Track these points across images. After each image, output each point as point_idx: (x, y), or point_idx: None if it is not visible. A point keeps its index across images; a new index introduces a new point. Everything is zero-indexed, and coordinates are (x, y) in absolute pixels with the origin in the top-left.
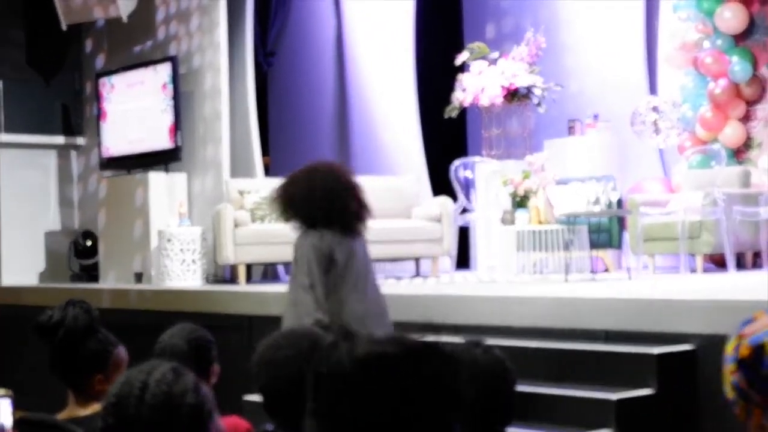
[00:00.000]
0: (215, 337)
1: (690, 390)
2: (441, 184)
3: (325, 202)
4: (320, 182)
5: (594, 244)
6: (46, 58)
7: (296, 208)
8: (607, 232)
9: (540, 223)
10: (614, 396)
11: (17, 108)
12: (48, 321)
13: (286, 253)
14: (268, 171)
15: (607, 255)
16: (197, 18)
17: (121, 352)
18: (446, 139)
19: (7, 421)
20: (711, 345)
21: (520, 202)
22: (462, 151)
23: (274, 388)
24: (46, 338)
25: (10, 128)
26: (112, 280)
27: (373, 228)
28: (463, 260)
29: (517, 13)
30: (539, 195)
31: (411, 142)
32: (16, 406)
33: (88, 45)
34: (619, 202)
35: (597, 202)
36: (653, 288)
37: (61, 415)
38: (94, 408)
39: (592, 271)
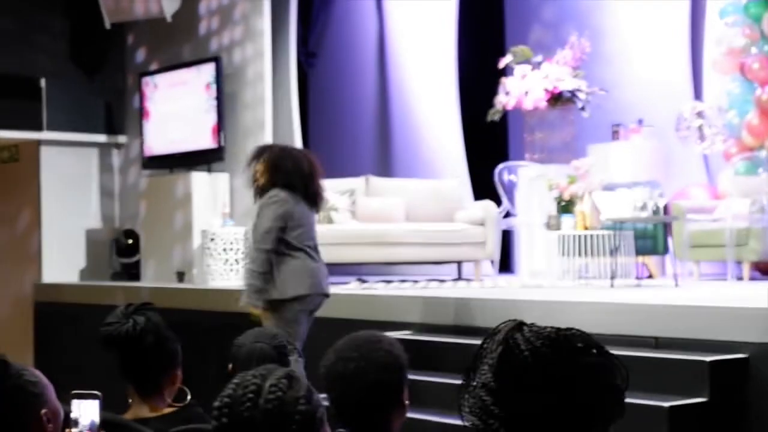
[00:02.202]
0: None
1: (743, 398)
2: (481, 188)
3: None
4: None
5: (639, 250)
6: (89, 57)
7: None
8: (652, 239)
9: (585, 228)
10: (666, 403)
11: (60, 106)
12: (115, 332)
13: (333, 254)
14: None
15: (651, 261)
16: (240, 18)
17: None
18: (487, 142)
19: (97, 419)
20: (764, 354)
21: (566, 206)
22: (503, 154)
23: (347, 400)
24: (114, 348)
25: (52, 126)
26: (153, 278)
27: (416, 231)
28: (504, 264)
29: (560, 17)
30: (585, 200)
31: (452, 145)
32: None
33: (132, 44)
34: (665, 209)
35: (644, 207)
36: (703, 295)
37: (126, 416)
38: (161, 410)
39: (637, 278)
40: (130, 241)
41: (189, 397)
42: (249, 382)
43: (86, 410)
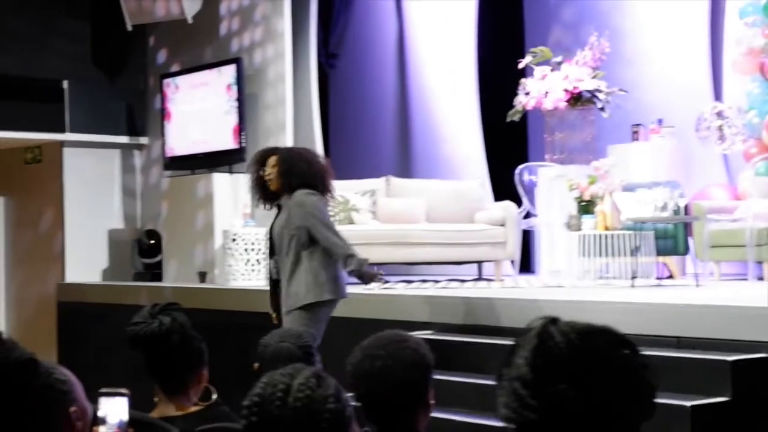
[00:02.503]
0: None
1: (765, 397)
2: (502, 188)
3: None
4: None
5: (660, 251)
6: (111, 59)
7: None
8: (673, 239)
9: (606, 228)
10: (689, 403)
11: (82, 107)
12: (141, 332)
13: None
14: None
15: (672, 261)
16: (261, 19)
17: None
18: (508, 143)
19: (125, 417)
20: None
21: (586, 207)
22: (523, 155)
23: (373, 398)
24: (140, 348)
25: (75, 127)
26: (174, 278)
27: (437, 231)
28: (525, 264)
29: (579, 18)
30: (605, 200)
31: (472, 145)
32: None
33: (153, 45)
34: (685, 209)
35: (665, 208)
36: (724, 295)
37: (152, 414)
38: (187, 408)
39: (658, 278)
40: (152, 242)
41: (214, 396)
42: (278, 381)
43: (114, 408)
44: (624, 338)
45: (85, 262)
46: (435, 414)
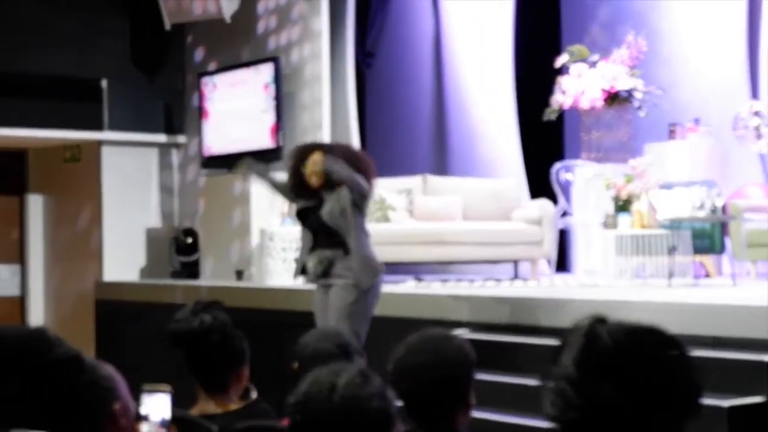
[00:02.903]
0: None
1: None
2: (539, 187)
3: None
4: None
5: (697, 250)
6: (149, 57)
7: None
8: (709, 238)
9: (642, 227)
10: (726, 403)
11: (121, 106)
12: (181, 329)
13: (390, 253)
14: None
15: (708, 260)
16: (298, 18)
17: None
18: (544, 141)
19: (167, 415)
20: None
21: (623, 206)
22: (560, 154)
23: (414, 394)
24: (181, 346)
25: (113, 126)
26: (212, 276)
27: (473, 230)
28: (561, 263)
29: (616, 16)
30: (642, 199)
31: (509, 144)
32: None
33: (191, 44)
34: (722, 208)
35: (701, 207)
36: (761, 294)
37: (192, 411)
38: (227, 406)
39: (695, 277)
40: (190, 240)
41: (254, 394)
42: (324, 379)
43: (156, 405)
44: (672, 338)
45: (123, 260)
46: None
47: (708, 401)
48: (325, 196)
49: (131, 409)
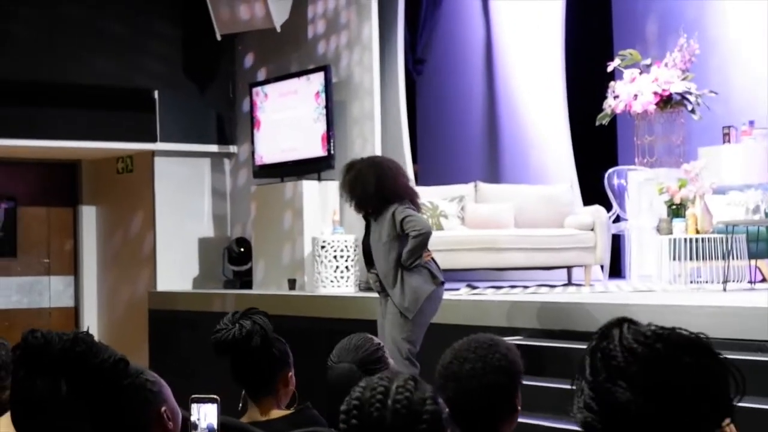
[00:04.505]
0: None
1: None
2: (591, 192)
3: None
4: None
5: (752, 254)
6: (200, 68)
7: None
8: (765, 241)
9: (697, 231)
10: None
11: (173, 117)
12: (223, 337)
13: (443, 260)
14: (417, 179)
15: (764, 264)
16: (348, 26)
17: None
18: (596, 146)
19: (215, 422)
20: None
21: (677, 210)
22: (612, 159)
23: (460, 400)
24: (225, 354)
25: (166, 137)
26: (264, 285)
27: (525, 236)
28: (614, 269)
29: (668, 19)
30: (696, 203)
31: (561, 149)
32: None
33: (242, 54)
34: None
35: (756, 210)
36: None
37: (243, 419)
38: (276, 413)
39: (750, 281)
40: (242, 249)
41: (307, 403)
42: (376, 384)
43: (205, 414)
44: (694, 340)
45: (176, 269)
46: (523, 419)
47: (763, 406)
48: (373, 220)
49: (178, 413)
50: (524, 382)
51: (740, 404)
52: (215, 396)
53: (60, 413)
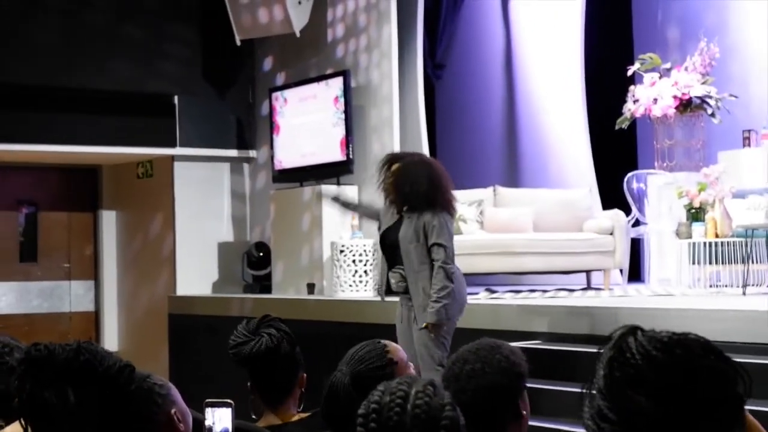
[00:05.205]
0: None
1: None
2: (610, 196)
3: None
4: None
5: None
6: (219, 73)
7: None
8: None
9: (716, 235)
10: None
11: (192, 122)
12: (253, 350)
13: (462, 264)
14: None
15: None
16: (368, 31)
17: None
18: (616, 150)
19: (229, 426)
20: None
21: (696, 214)
22: (632, 163)
23: (460, 401)
24: (250, 366)
25: (185, 142)
26: (283, 290)
27: (544, 240)
28: (634, 273)
29: (688, 23)
30: (716, 207)
31: (580, 153)
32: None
33: (261, 59)
34: None
35: None
36: None
37: (260, 423)
38: (292, 416)
39: None
40: (261, 254)
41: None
42: (396, 389)
43: (220, 418)
44: (708, 347)
45: (196, 274)
46: (544, 424)
47: None
48: (405, 216)
49: (188, 415)
50: (544, 387)
51: (761, 408)
52: (230, 400)
53: (70, 423)
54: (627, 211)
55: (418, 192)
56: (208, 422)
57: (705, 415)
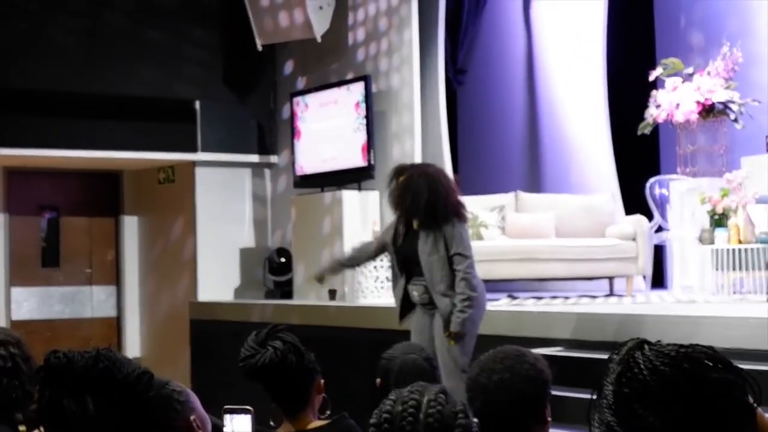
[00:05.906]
0: None
1: None
2: (633, 202)
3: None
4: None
5: None
6: (240, 78)
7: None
8: None
9: (739, 241)
10: None
11: (214, 127)
12: (259, 363)
13: (483, 270)
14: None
15: None
16: (389, 36)
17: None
18: (638, 156)
19: None
20: None
21: (719, 220)
22: (655, 168)
23: (489, 411)
24: (259, 378)
25: (206, 147)
26: (305, 296)
27: (567, 246)
28: (657, 279)
29: (711, 28)
30: (739, 213)
31: (602, 159)
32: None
33: (282, 64)
34: None
35: None
36: None
37: (279, 430)
38: (312, 422)
39: None
40: (283, 260)
41: (344, 413)
42: (407, 398)
43: (239, 424)
44: (716, 358)
45: (217, 280)
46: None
47: None
48: (421, 230)
49: (208, 421)
50: (566, 394)
51: None
52: (249, 407)
53: (89, 430)
54: (649, 216)
55: (419, 204)
56: (227, 429)
57: (714, 427)
